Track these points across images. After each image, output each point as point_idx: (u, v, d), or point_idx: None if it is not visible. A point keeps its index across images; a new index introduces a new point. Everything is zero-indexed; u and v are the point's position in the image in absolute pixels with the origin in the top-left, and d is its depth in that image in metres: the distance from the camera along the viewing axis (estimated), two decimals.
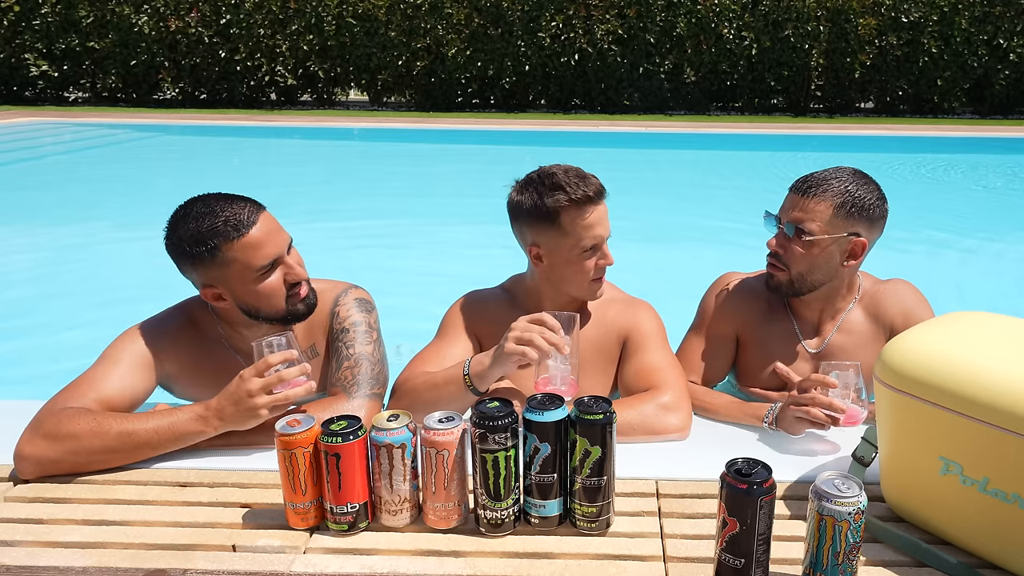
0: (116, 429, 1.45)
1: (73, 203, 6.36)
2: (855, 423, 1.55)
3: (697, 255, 4.85)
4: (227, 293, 1.58)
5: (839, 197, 1.68)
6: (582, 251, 1.67)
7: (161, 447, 1.48)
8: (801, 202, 1.71)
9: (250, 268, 1.54)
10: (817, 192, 1.69)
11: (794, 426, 1.59)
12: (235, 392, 1.44)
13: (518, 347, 1.45)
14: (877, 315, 1.82)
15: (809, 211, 1.69)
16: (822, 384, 1.54)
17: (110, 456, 1.46)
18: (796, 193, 1.73)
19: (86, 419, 1.45)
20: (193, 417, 1.47)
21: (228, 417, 1.45)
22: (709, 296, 1.93)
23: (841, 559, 1.09)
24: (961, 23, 12.16)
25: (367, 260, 4.48)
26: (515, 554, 1.24)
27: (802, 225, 1.70)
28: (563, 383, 1.47)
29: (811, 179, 1.72)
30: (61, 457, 1.44)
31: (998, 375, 1.12)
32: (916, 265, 4.44)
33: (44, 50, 13.25)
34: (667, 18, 12.53)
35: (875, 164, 8.82)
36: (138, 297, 3.22)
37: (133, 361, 1.61)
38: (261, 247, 1.54)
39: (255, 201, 1.60)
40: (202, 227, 1.51)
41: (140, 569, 1.21)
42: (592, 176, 1.68)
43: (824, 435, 1.62)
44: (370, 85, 13.85)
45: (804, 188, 1.71)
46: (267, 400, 1.42)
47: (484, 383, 1.54)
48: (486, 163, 8.50)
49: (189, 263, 1.56)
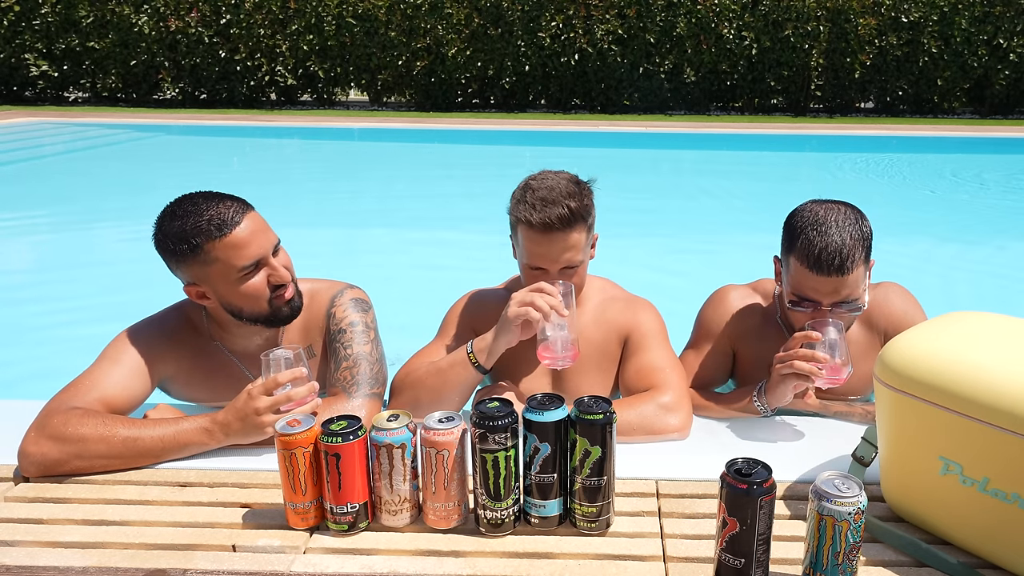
0: (122, 435, 1.45)
1: (73, 203, 6.36)
2: (838, 381, 1.55)
3: (697, 255, 4.85)
4: (210, 292, 1.58)
5: (862, 251, 1.59)
6: (528, 267, 1.67)
7: (164, 455, 1.48)
8: (843, 281, 1.58)
9: (232, 268, 1.54)
10: (851, 264, 1.57)
11: (780, 388, 1.58)
12: (242, 408, 1.45)
13: (520, 309, 1.52)
14: (870, 322, 1.82)
15: (852, 284, 1.59)
16: (805, 339, 1.55)
17: (112, 461, 1.46)
18: (836, 275, 1.57)
19: (93, 422, 1.45)
20: (198, 429, 1.48)
21: (234, 432, 1.47)
22: (705, 311, 1.92)
23: (841, 559, 1.09)
24: (961, 23, 12.16)
25: (367, 260, 4.48)
26: (515, 554, 1.24)
27: (856, 300, 1.62)
28: (564, 349, 1.52)
29: (831, 252, 1.56)
30: (65, 459, 1.44)
31: (998, 375, 1.12)
32: (916, 265, 4.44)
33: (44, 50, 13.25)
34: (667, 18, 12.54)
35: (875, 164, 8.84)
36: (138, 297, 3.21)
37: (133, 362, 1.61)
38: (244, 247, 1.54)
39: (243, 201, 1.59)
40: (187, 225, 1.51)
41: (140, 569, 1.21)
42: (562, 203, 1.59)
43: (824, 434, 1.62)
44: (370, 85, 13.86)
45: (841, 267, 1.56)
46: (274, 419, 1.42)
47: (489, 359, 1.58)
48: (486, 163, 8.50)
49: (174, 260, 1.56)
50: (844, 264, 1.56)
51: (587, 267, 1.75)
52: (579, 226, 1.62)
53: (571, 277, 1.66)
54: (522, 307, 1.52)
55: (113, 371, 1.58)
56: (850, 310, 1.62)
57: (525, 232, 1.63)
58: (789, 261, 1.65)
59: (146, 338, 1.65)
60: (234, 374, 1.71)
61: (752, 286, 1.92)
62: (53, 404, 1.50)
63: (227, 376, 1.71)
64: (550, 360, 1.54)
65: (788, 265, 1.66)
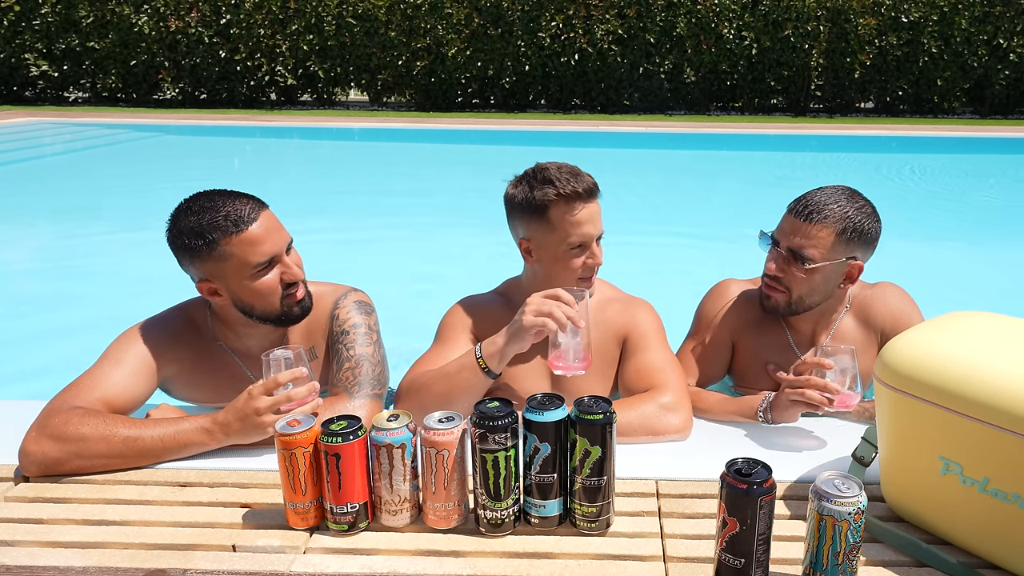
0: (123, 435, 1.45)
1: (73, 203, 6.36)
2: (848, 407, 1.55)
3: (697, 256, 4.85)
4: (223, 288, 1.59)
5: (840, 223, 1.67)
6: (569, 247, 1.68)
7: (164, 455, 1.48)
8: (802, 227, 1.69)
9: (247, 264, 1.55)
10: (819, 218, 1.67)
11: (788, 411, 1.59)
12: (242, 408, 1.45)
13: (537, 319, 1.47)
14: (867, 321, 1.83)
15: (811, 237, 1.68)
16: (818, 366, 1.55)
17: (113, 460, 1.46)
18: (796, 217, 1.70)
19: (94, 421, 1.45)
20: (198, 429, 1.48)
21: (234, 433, 1.47)
22: (705, 303, 1.95)
23: (841, 559, 1.09)
24: (961, 23, 12.16)
25: (367, 260, 4.48)
26: (515, 554, 1.24)
27: (803, 251, 1.69)
28: (576, 358, 1.49)
29: (811, 203, 1.69)
30: (65, 458, 1.44)
31: (998, 375, 1.12)
32: (916, 265, 4.44)
33: (44, 50, 13.26)
34: (667, 18, 12.54)
35: (875, 164, 8.84)
36: (138, 296, 3.22)
37: (135, 362, 1.62)
38: (259, 244, 1.55)
39: (258, 199, 1.61)
40: (203, 221, 1.52)
41: (140, 569, 1.21)
42: (586, 174, 1.68)
43: (824, 434, 1.62)
44: (370, 85, 13.86)
45: (805, 213, 1.69)
46: (274, 419, 1.42)
47: (500, 363, 1.54)
48: (486, 163, 8.50)
49: (187, 256, 1.57)
50: (812, 213, 1.68)
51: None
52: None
53: (599, 256, 1.72)
54: (539, 316, 1.48)
55: (115, 371, 1.58)
56: (797, 264, 1.71)
57: (562, 209, 1.65)
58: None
59: (148, 338, 1.66)
60: (236, 375, 1.71)
61: (752, 281, 1.94)
62: (54, 403, 1.50)
63: (229, 376, 1.71)
64: (563, 369, 1.51)
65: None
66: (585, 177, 1.67)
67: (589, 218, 1.67)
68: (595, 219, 1.69)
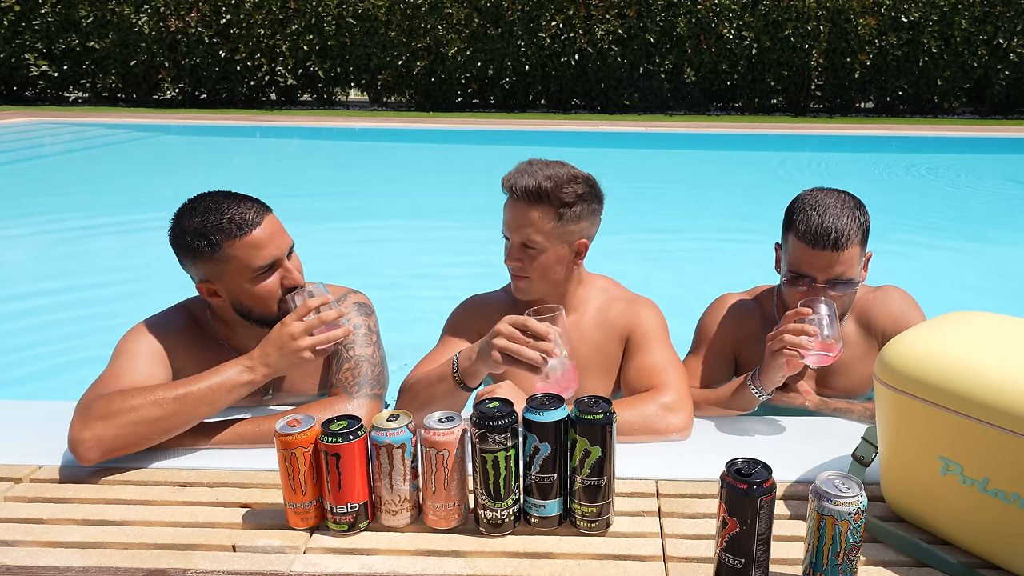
0: (171, 395, 1.46)
1: (73, 203, 6.36)
2: (829, 358, 1.55)
3: (697, 255, 4.85)
4: (222, 290, 1.59)
5: (859, 233, 1.63)
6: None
7: (217, 404, 1.49)
8: (836, 257, 1.62)
9: (248, 267, 1.55)
10: (846, 242, 1.61)
11: (772, 365, 1.58)
12: (278, 337, 1.48)
13: (502, 359, 1.39)
14: (868, 325, 1.82)
15: (845, 262, 1.63)
16: (796, 316, 1.55)
17: (171, 421, 1.46)
18: (825, 249, 1.61)
19: (137, 393, 1.46)
20: (240, 368, 1.49)
21: (273, 363, 1.49)
22: (706, 317, 1.94)
23: (841, 559, 1.09)
24: (961, 23, 12.15)
25: (367, 260, 4.48)
26: (515, 554, 1.24)
27: (847, 277, 1.64)
28: (559, 384, 1.41)
29: (830, 230, 1.60)
30: (121, 432, 1.43)
31: (998, 375, 1.12)
32: (916, 265, 4.44)
33: (44, 50, 13.24)
34: (667, 18, 12.53)
35: (875, 164, 8.84)
36: (138, 296, 3.22)
37: (149, 355, 1.62)
38: (262, 247, 1.55)
39: (262, 202, 1.61)
40: (207, 222, 1.53)
41: (140, 569, 1.21)
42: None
43: (824, 434, 1.62)
44: (370, 85, 13.85)
45: (836, 242, 1.60)
46: (310, 341, 1.46)
47: (473, 380, 1.52)
48: (486, 163, 8.50)
49: (189, 256, 1.57)
50: (839, 240, 1.60)
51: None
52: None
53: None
54: (506, 355, 1.39)
55: (133, 363, 1.59)
56: (844, 289, 1.65)
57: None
58: (788, 240, 1.69)
59: (155, 332, 1.66)
60: None
61: (750, 292, 1.95)
62: (87, 397, 1.49)
63: None
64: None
65: (787, 244, 1.70)
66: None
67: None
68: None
